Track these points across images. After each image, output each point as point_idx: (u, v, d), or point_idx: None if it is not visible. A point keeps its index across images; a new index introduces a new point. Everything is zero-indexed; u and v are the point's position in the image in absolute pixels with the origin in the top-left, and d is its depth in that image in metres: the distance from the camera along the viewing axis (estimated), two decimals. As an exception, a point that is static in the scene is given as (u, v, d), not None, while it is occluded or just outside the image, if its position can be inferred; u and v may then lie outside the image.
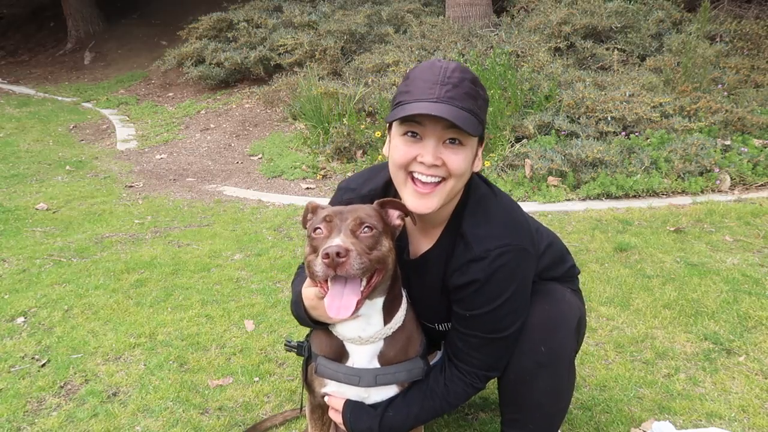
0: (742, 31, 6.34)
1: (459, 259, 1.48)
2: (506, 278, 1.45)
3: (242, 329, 2.78)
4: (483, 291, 1.45)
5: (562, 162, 4.55)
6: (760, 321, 2.61)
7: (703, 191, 4.34)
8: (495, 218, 1.50)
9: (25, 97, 10.23)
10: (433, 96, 1.35)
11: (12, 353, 2.63)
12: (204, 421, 2.13)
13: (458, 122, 1.32)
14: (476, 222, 1.49)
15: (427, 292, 1.62)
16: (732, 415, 2.04)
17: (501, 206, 1.53)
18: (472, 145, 1.42)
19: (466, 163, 1.41)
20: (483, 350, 1.51)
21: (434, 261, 1.56)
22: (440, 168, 1.39)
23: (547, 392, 1.57)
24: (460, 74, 1.37)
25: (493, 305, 1.45)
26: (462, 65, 1.41)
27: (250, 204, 4.77)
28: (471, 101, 1.36)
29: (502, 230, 1.47)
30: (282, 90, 7.45)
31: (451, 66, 1.39)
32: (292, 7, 8.89)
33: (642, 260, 3.30)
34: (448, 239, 1.53)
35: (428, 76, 1.37)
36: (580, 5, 6.59)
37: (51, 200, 4.94)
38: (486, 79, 5.30)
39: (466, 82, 1.37)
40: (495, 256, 1.43)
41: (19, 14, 16.29)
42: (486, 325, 1.48)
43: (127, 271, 3.46)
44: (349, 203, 1.57)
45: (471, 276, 1.45)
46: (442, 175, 1.40)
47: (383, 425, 1.51)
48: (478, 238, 1.46)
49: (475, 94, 1.38)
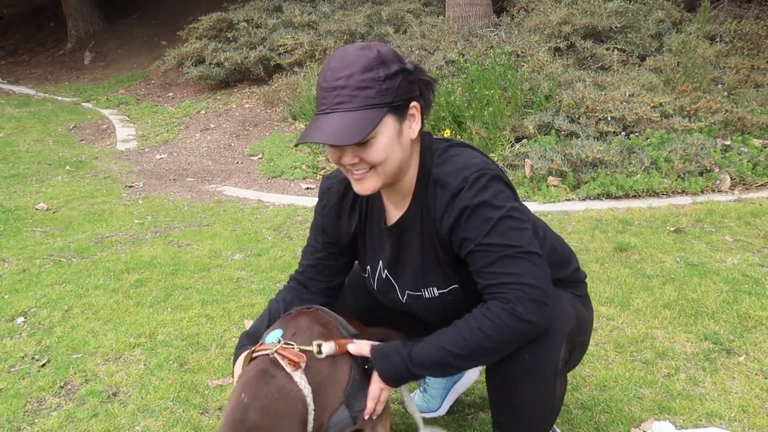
0: (742, 31, 6.34)
1: (441, 201, 1.48)
2: (493, 195, 1.43)
3: (242, 329, 2.78)
4: (476, 215, 1.42)
5: (562, 162, 4.56)
6: (760, 321, 2.61)
7: (703, 191, 4.34)
8: (461, 157, 1.50)
9: (25, 97, 10.23)
10: (325, 106, 1.37)
11: (12, 353, 2.63)
12: (204, 421, 2.13)
13: (341, 141, 1.33)
14: (444, 166, 1.50)
15: (409, 256, 1.60)
16: (732, 415, 2.04)
17: (464, 150, 1.54)
18: (388, 126, 1.40)
19: (385, 149, 1.41)
20: (509, 267, 1.41)
21: (413, 220, 1.56)
22: (361, 163, 1.42)
23: (531, 399, 1.55)
24: (348, 70, 1.36)
25: (491, 223, 1.41)
26: (355, 50, 1.39)
27: (250, 204, 4.77)
28: (366, 92, 1.35)
29: (471, 161, 1.48)
30: (282, 90, 7.45)
31: (336, 63, 1.37)
32: (292, 7, 8.89)
33: (642, 260, 3.30)
34: (422, 194, 1.53)
35: (321, 80, 1.40)
36: (580, 5, 6.59)
37: (51, 200, 4.94)
38: (486, 79, 5.30)
39: (355, 76, 1.35)
40: (473, 180, 1.43)
41: (19, 14, 16.29)
42: (497, 247, 1.41)
43: (127, 271, 3.46)
44: (329, 189, 1.67)
45: (458, 207, 1.44)
46: (366, 167, 1.43)
47: (413, 357, 1.46)
48: (450, 175, 1.46)
49: (370, 81, 1.36)
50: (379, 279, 1.70)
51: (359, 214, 1.67)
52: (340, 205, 1.68)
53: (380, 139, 1.40)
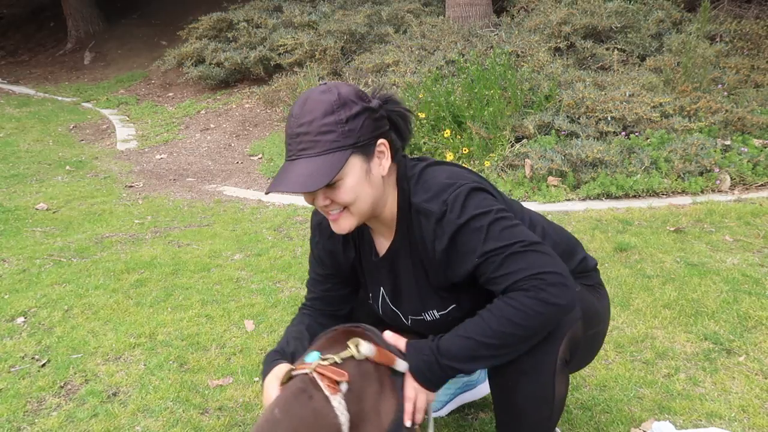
0: (742, 31, 6.34)
1: (427, 229, 1.49)
2: (476, 206, 1.43)
3: (242, 329, 2.78)
4: (467, 230, 1.43)
5: (562, 162, 4.56)
6: (760, 321, 2.61)
7: (703, 191, 4.34)
8: (436, 180, 1.51)
9: (25, 97, 10.22)
10: (291, 153, 1.41)
11: (12, 353, 2.63)
12: (204, 421, 2.13)
13: (306, 188, 1.36)
14: (422, 194, 1.50)
15: (403, 283, 1.62)
16: (732, 415, 2.04)
17: (435, 171, 1.55)
18: (354, 167, 1.41)
19: (353, 189, 1.42)
20: (518, 263, 1.40)
21: (401, 249, 1.58)
22: (333, 204, 1.45)
23: (530, 399, 1.55)
24: (309, 116, 1.38)
25: (484, 231, 1.41)
26: (316, 95, 1.41)
27: (250, 204, 4.77)
28: (327, 136, 1.38)
29: (445, 182, 1.49)
30: (282, 90, 7.45)
31: (298, 110, 1.40)
32: (292, 7, 8.89)
33: (642, 260, 3.30)
34: (405, 223, 1.55)
35: (287, 127, 1.43)
36: (580, 5, 6.58)
37: (51, 200, 4.94)
38: (486, 79, 5.30)
39: (316, 121, 1.37)
40: (452, 201, 1.44)
41: (19, 14, 16.29)
42: (499, 250, 1.41)
43: (127, 271, 3.46)
44: (320, 225, 1.69)
45: (448, 231, 1.45)
46: (339, 208, 1.46)
47: (441, 347, 1.44)
48: (430, 202, 1.47)
49: (331, 125, 1.38)
50: (384, 306, 1.72)
51: (354, 247, 1.69)
52: (333, 241, 1.69)
53: (347, 180, 1.41)
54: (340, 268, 1.73)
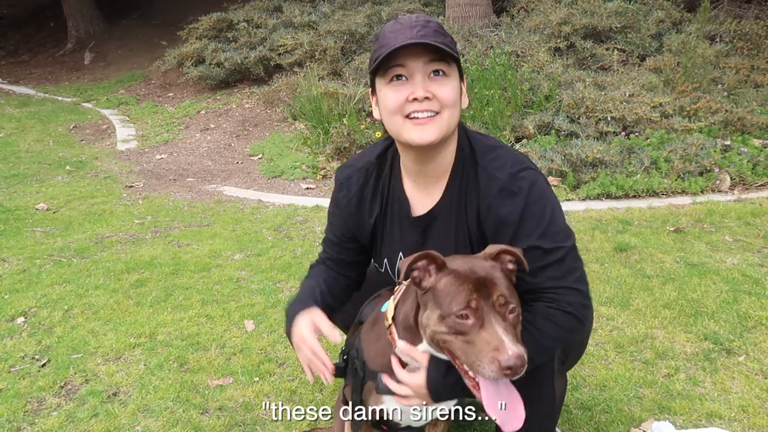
0: (742, 31, 6.34)
1: (486, 193, 1.48)
2: (540, 196, 1.46)
3: (242, 329, 2.78)
4: (528, 213, 1.44)
5: (562, 162, 4.55)
6: (760, 321, 2.61)
7: (703, 191, 4.34)
8: (507, 152, 1.53)
9: (25, 97, 10.23)
10: (407, 37, 1.40)
11: (12, 353, 2.63)
12: (204, 421, 2.13)
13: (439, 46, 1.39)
14: (491, 156, 1.51)
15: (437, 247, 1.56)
16: (732, 415, 2.04)
17: (504, 146, 1.57)
18: (456, 77, 1.47)
19: (455, 93, 1.46)
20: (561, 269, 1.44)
21: (445, 212, 1.55)
22: (432, 101, 1.43)
23: (531, 401, 1.55)
24: (425, 18, 1.45)
25: (542, 225, 1.44)
26: (421, 15, 1.49)
27: (250, 204, 4.77)
28: (442, 37, 1.43)
29: (515, 157, 1.50)
30: (282, 90, 7.45)
31: (407, 18, 1.46)
32: (292, 7, 8.89)
33: (642, 260, 3.30)
34: (460, 179, 1.53)
35: (396, 26, 1.45)
36: (580, 5, 6.59)
37: (51, 200, 4.94)
38: (486, 79, 5.30)
39: (433, 23, 1.44)
40: (520, 178, 1.46)
41: (19, 14, 16.29)
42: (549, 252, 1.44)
43: (127, 271, 3.46)
44: (348, 179, 1.62)
45: (509, 204, 1.45)
46: (436, 109, 1.44)
47: None
48: (496, 168, 1.48)
49: (443, 32, 1.45)
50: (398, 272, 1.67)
51: (381, 204, 1.64)
52: (361, 195, 1.65)
53: (453, 81, 1.45)
54: (359, 229, 1.68)
